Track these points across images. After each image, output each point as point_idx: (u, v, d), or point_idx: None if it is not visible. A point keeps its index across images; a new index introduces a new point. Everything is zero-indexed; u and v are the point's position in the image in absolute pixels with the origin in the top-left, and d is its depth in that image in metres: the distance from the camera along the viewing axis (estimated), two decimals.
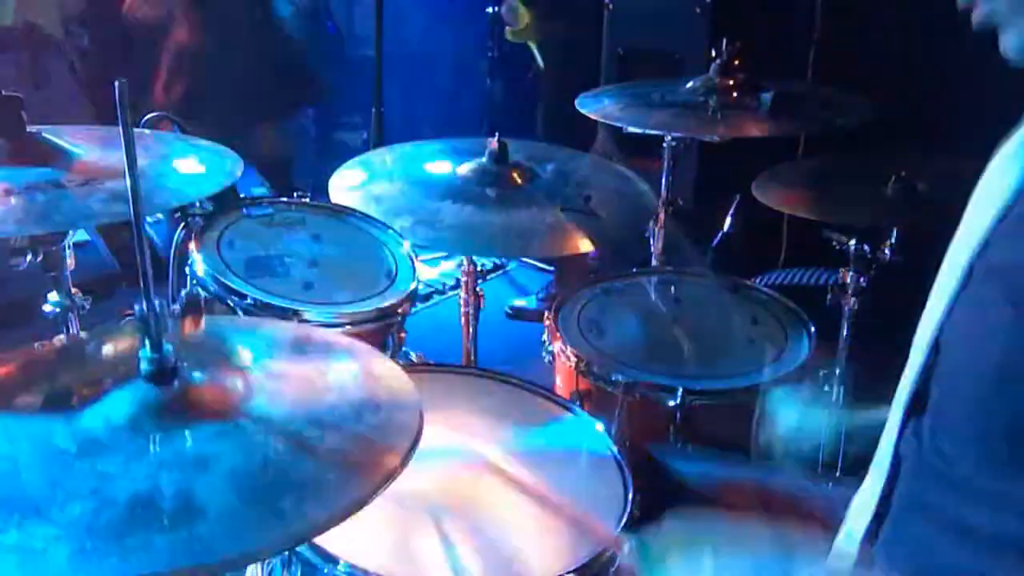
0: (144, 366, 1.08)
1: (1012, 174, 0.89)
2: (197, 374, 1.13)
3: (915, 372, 0.96)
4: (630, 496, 1.45)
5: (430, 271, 4.07)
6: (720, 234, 2.64)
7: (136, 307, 1.07)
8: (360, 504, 0.98)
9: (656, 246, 2.65)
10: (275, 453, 1.03)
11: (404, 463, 1.04)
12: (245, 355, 1.23)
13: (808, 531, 1.02)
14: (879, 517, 1.00)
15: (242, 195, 2.09)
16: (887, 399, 1.06)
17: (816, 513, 1.43)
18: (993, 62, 0.88)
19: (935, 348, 0.94)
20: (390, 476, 1.01)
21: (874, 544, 1.01)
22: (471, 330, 2.39)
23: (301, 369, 1.21)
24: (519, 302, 4.05)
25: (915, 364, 0.97)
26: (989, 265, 0.88)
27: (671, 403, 1.85)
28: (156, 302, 1.07)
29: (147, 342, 1.08)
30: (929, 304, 0.96)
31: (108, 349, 1.23)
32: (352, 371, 1.23)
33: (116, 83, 1.00)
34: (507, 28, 4.17)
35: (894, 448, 0.99)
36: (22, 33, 3.85)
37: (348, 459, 1.04)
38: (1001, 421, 0.84)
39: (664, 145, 2.61)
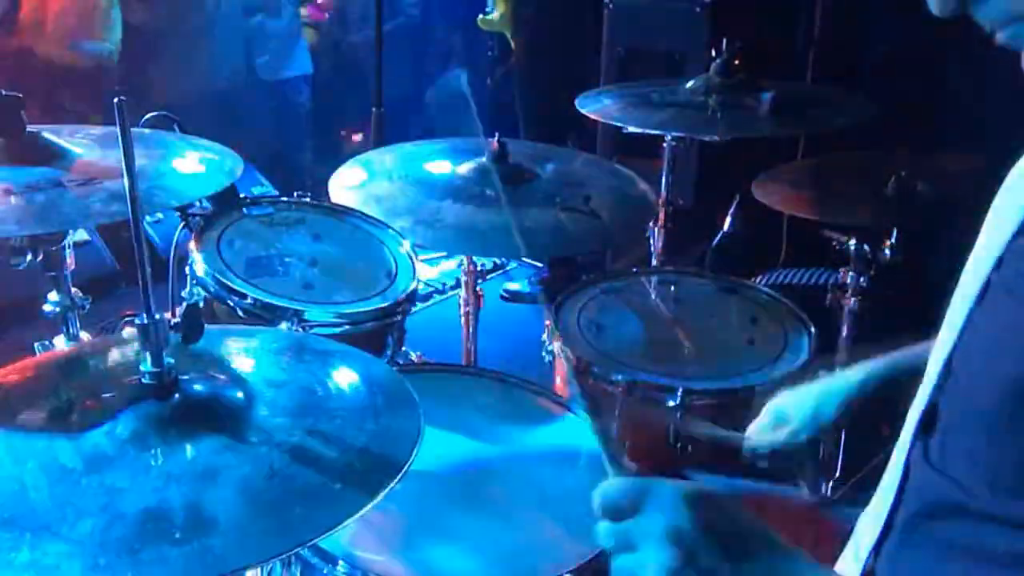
0: (145, 380, 1.08)
1: None
2: (198, 386, 1.13)
3: (928, 391, 0.94)
4: None
5: (430, 271, 4.06)
6: (720, 234, 2.64)
7: (137, 319, 1.07)
8: (365, 509, 0.99)
9: (656, 246, 2.65)
10: (280, 463, 1.03)
11: (406, 469, 1.04)
12: (245, 364, 1.23)
13: (800, 542, 1.01)
14: (883, 535, 0.99)
15: (242, 195, 2.08)
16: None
17: (812, 526, 1.42)
18: (993, 62, 0.88)
19: (948, 366, 0.92)
20: (392, 482, 1.02)
21: (876, 562, 0.99)
22: (471, 330, 2.39)
23: (301, 377, 1.22)
24: (513, 285, 4.11)
25: (928, 382, 0.94)
26: (1005, 281, 0.86)
27: (671, 403, 1.85)
28: (156, 315, 1.06)
29: (148, 355, 1.08)
30: (945, 322, 0.94)
31: (109, 361, 1.23)
32: (351, 378, 1.24)
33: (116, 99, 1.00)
34: (479, 16, 4.10)
35: (904, 467, 0.97)
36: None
37: (352, 467, 1.05)
38: (1018, 441, 0.81)
39: (664, 145, 2.61)
